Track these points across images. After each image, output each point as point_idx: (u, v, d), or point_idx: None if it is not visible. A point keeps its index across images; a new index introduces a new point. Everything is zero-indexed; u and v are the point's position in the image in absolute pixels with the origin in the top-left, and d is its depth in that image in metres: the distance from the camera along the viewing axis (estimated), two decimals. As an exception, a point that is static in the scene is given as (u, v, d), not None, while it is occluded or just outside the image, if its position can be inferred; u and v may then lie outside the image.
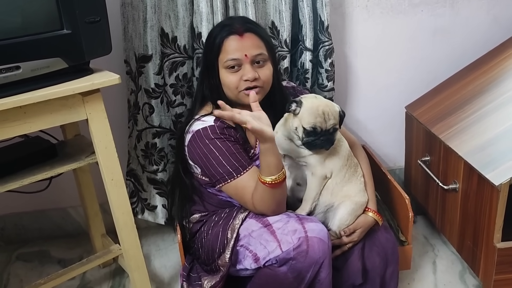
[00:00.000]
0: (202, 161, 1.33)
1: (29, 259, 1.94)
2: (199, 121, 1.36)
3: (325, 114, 1.28)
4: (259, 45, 1.35)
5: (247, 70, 1.33)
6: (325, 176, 1.37)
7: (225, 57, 1.34)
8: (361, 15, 1.88)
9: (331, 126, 1.29)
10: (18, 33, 1.12)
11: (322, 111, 1.29)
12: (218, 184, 1.33)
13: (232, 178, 1.30)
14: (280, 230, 1.25)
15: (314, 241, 1.21)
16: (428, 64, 1.98)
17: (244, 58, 1.33)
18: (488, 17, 1.93)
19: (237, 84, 1.35)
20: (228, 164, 1.29)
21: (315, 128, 1.28)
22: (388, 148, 2.11)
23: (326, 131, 1.29)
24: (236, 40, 1.33)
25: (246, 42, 1.33)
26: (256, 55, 1.34)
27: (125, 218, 1.42)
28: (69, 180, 1.75)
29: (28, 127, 1.20)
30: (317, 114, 1.28)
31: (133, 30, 1.62)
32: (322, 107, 1.29)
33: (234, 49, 1.33)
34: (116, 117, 1.51)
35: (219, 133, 1.32)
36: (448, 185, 1.64)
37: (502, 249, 1.43)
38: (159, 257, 1.92)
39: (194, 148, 1.34)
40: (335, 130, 1.32)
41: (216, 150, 1.31)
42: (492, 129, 1.52)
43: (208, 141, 1.32)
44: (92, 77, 1.25)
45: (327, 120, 1.28)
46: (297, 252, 1.20)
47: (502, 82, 1.67)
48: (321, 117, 1.28)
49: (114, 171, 1.35)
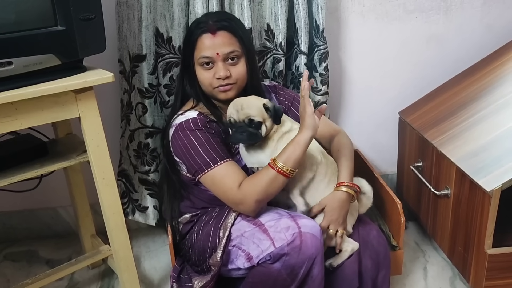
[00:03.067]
0: (183, 152, 1.34)
1: (17, 259, 1.91)
2: (182, 115, 1.38)
3: (238, 106, 1.31)
4: (232, 42, 1.37)
5: (219, 68, 1.36)
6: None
7: (198, 54, 1.37)
8: (356, 20, 1.89)
9: (245, 116, 1.29)
10: (11, 29, 1.11)
11: (236, 104, 1.32)
12: (197, 175, 1.33)
13: (210, 168, 1.30)
14: (272, 228, 1.25)
15: (307, 237, 1.21)
16: (422, 70, 2.00)
17: (216, 56, 1.35)
18: (481, 24, 1.95)
19: (211, 81, 1.38)
20: (206, 155, 1.30)
21: (229, 119, 1.32)
22: (381, 153, 2.11)
23: (240, 121, 1.30)
24: (208, 38, 1.35)
25: (218, 40, 1.35)
26: (228, 52, 1.36)
27: (116, 218, 1.40)
28: (59, 179, 1.73)
29: (19, 123, 1.18)
30: (231, 106, 1.33)
31: (127, 29, 1.61)
32: (239, 101, 1.33)
33: (207, 47, 1.35)
34: (108, 117, 1.50)
35: (200, 125, 1.34)
36: (440, 190, 1.65)
37: (493, 255, 1.44)
38: (149, 258, 1.90)
39: (176, 140, 1.35)
40: (254, 122, 1.29)
41: (196, 140, 1.32)
42: (485, 135, 1.53)
43: (189, 132, 1.33)
44: (85, 74, 1.24)
45: (239, 110, 1.30)
46: (290, 248, 1.20)
47: (495, 88, 1.68)
48: (234, 108, 1.31)
49: (105, 170, 1.34)
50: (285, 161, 1.22)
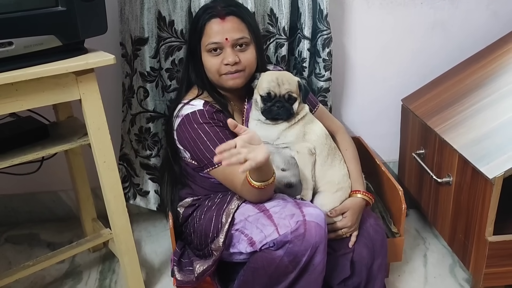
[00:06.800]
0: (190, 145, 1.33)
1: (18, 242, 1.92)
2: (188, 105, 1.36)
3: (279, 80, 1.33)
4: (241, 28, 1.35)
5: (228, 53, 1.33)
6: (311, 151, 1.37)
7: (206, 41, 1.34)
8: (360, 5, 1.86)
9: (286, 91, 1.32)
10: (12, 8, 1.10)
11: (276, 77, 1.33)
12: (206, 169, 1.34)
13: (220, 163, 1.29)
14: (277, 215, 1.25)
15: (312, 225, 1.20)
16: (426, 57, 1.98)
17: (225, 42, 1.33)
18: (487, 11, 1.92)
19: (218, 67, 1.35)
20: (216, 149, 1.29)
21: (269, 93, 1.32)
22: (383, 140, 2.10)
23: (280, 96, 1.32)
24: (217, 24, 1.33)
25: (227, 26, 1.33)
26: (237, 38, 1.34)
27: (117, 202, 1.40)
28: (60, 163, 1.73)
29: (20, 104, 1.18)
30: (270, 79, 1.33)
31: (129, 12, 1.60)
32: (276, 75, 1.34)
33: (215, 32, 1.33)
34: (110, 101, 1.50)
35: (207, 118, 1.33)
36: (441, 178, 1.64)
37: (493, 243, 1.43)
38: (150, 243, 1.91)
39: (182, 132, 1.34)
40: (292, 98, 1.34)
41: (204, 135, 1.30)
42: (488, 123, 1.52)
43: (196, 125, 1.31)
44: (86, 56, 1.24)
45: (280, 84, 1.32)
46: (294, 236, 1.20)
47: (500, 76, 1.67)
48: (274, 81, 1.32)
49: (106, 153, 1.34)
50: (260, 179, 1.20)
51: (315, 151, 1.38)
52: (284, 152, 1.38)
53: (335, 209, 1.39)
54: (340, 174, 1.44)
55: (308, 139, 1.38)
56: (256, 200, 1.30)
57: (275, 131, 1.36)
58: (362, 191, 1.44)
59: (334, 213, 1.39)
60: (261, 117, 1.36)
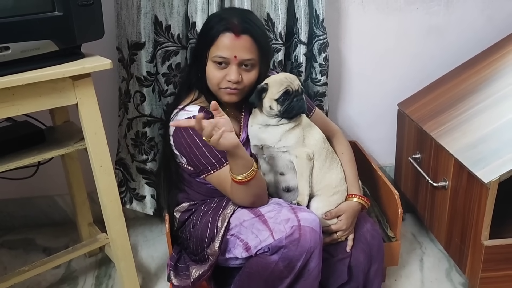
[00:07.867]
0: (186, 151, 1.33)
1: (14, 247, 1.91)
2: (183, 111, 1.36)
3: (287, 78, 1.36)
4: (252, 50, 1.32)
5: (232, 71, 1.31)
6: (309, 157, 1.37)
7: (215, 52, 1.32)
8: (356, 11, 1.88)
9: (298, 86, 1.36)
10: (9, 13, 1.10)
11: (284, 77, 1.36)
12: (202, 175, 1.34)
13: (215, 169, 1.30)
14: (272, 220, 1.25)
15: (307, 230, 1.20)
16: (421, 61, 1.99)
17: (233, 59, 1.31)
18: (482, 17, 1.94)
19: (220, 81, 1.34)
20: (211, 155, 1.30)
21: (287, 90, 1.33)
22: (379, 145, 2.11)
23: (296, 91, 1.35)
24: (230, 39, 1.30)
25: (240, 44, 1.30)
26: (245, 59, 1.32)
27: (113, 206, 1.40)
28: (56, 167, 1.73)
29: (16, 109, 1.18)
30: (281, 80, 1.35)
31: (126, 17, 1.60)
32: (281, 75, 1.38)
33: (226, 47, 1.30)
34: (106, 106, 1.50)
35: None
36: (437, 182, 1.65)
37: (489, 247, 1.44)
38: (147, 247, 1.90)
39: (178, 138, 1.34)
40: (303, 92, 1.38)
41: (200, 141, 1.30)
42: (483, 128, 1.53)
43: (192, 131, 1.31)
44: (83, 61, 1.24)
45: (291, 81, 1.35)
46: (289, 241, 1.20)
47: (495, 81, 1.68)
48: (286, 80, 1.35)
49: (103, 158, 1.34)
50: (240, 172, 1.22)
51: (314, 156, 1.39)
52: (283, 156, 1.38)
53: (330, 211, 1.40)
54: (337, 178, 1.44)
55: (307, 143, 1.39)
56: (248, 201, 1.29)
57: (278, 132, 1.36)
58: (358, 194, 1.44)
59: (329, 216, 1.39)
60: (270, 121, 1.36)
